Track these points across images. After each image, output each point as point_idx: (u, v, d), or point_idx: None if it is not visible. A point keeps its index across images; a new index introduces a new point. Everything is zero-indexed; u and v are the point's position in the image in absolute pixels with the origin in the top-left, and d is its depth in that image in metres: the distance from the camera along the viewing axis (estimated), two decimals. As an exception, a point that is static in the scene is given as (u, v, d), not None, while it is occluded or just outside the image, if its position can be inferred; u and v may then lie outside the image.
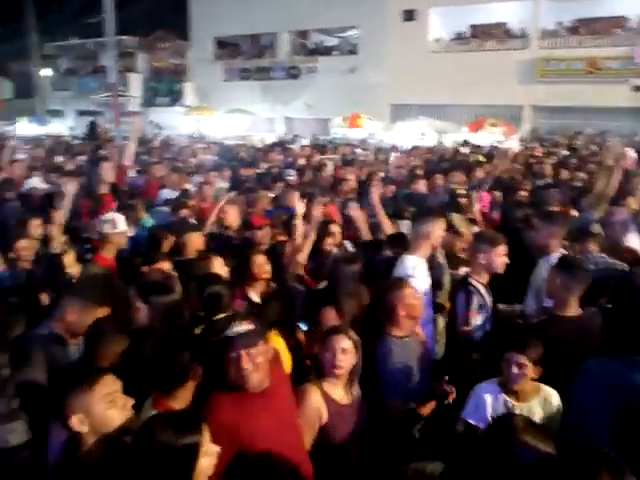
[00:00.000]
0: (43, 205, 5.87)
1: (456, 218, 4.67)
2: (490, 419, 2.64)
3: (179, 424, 1.84)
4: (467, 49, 24.35)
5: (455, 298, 3.76)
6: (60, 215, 5.18)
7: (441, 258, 4.09)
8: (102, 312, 2.87)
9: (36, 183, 7.14)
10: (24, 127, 27.69)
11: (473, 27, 25.09)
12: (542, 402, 2.73)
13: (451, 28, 25.03)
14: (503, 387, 2.77)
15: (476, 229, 4.86)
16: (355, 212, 4.84)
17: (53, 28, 34.17)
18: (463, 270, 4.04)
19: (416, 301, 3.21)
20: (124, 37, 28.56)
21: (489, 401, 2.76)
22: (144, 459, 1.79)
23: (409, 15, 24.84)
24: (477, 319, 3.62)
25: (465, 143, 16.27)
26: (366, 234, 4.77)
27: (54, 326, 2.82)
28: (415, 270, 3.58)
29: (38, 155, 11.09)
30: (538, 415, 2.67)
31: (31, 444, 1.51)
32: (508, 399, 2.74)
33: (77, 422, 1.92)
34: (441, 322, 3.84)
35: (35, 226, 4.73)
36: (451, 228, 4.32)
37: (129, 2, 20.98)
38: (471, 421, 2.76)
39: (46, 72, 34.92)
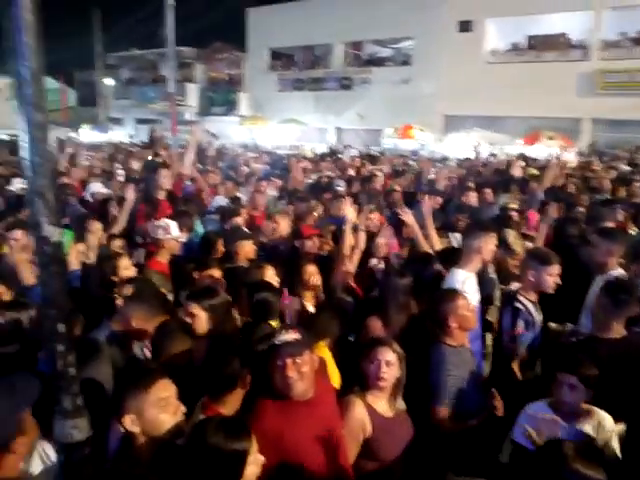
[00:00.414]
0: (104, 209, 6.13)
1: (511, 235, 4.55)
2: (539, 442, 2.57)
3: (230, 429, 1.87)
4: (524, 60, 23.84)
5: (502, 314, 3.69)
6: (119, 220, 5.40)
7: (492, 273, 4.02)
8: (162, 320, 2.98)
9: (98, 188, 7.42)
10: (87, 134, 28.92)
11: (530, 38, 24.55)
12: (595, 426, 2.64)
13: (507, 39, 24.59)
14: (554, 408, 2.70)
15: (530, 245, 4.74)
16: (408, 218, 4.68)
17: (116, 39, 35.65)
18: (514, 286, 3.96)
19: (469, 313, 3.18)
20: (183, 48, 29.48)
21: (539, 422, 2.69)
22: (194, 460, 1.82)
23: (465, 26, 24.57)
24: (524, 336, 3.53)
25: (520, 156, 15.91)
26: (421, 241, 4.64)
27: (115, 328, 2.94)
28: (465, 285, 3.53)
29: (99, 161, 11.56)
30: (590, 439, 2.58)
31: (92, 441, 1.58)
32: (559, 421, 2.66)
33: (129, 422, 1.97)
34: (489, 339, 3.77)
35: (95, 229, 4.89)
36: (504, 244, 4.23)
37: (189, 14, 21.67)
38: (520, 442, 2.69)
39: (108, 81, 36.35)
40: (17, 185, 7.17)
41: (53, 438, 1.68)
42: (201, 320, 3.00)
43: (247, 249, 4.57)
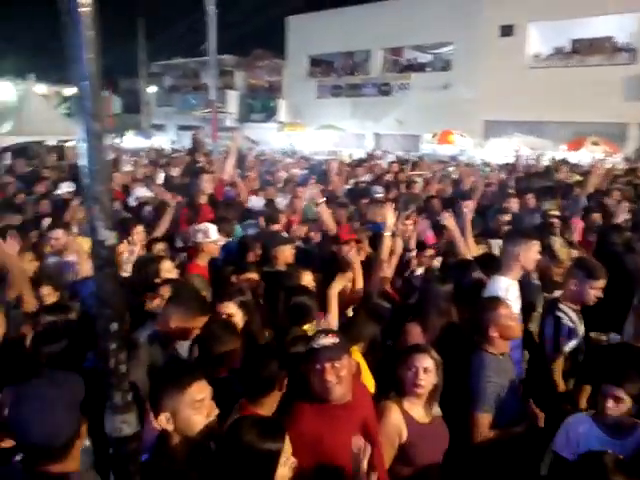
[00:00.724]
0: (139, 213, 6.31)
1: (557, 242, 4.45)
2: (581, 454, 2.51)
3: (264, 429, 1.89)
4: (568, 64, 23.35)
5: (544, 322, 3.62)
6: (161, 224, 5.54)
7: (535, 279, 3.95)
8: (202, 321, 3.04)
9: (142, 193, 7.63)
10: (130, 140, 29.71)
11: (574, 42, 24.03)
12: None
13: (550, 43, 24.11)
14: (597, 421, 2.63)
15: (575, 253, 4.62)
16: (449, 222, 4.61)
17: (160, 48, 36.57)
18: (556, 294, 3.88)
19: (512, 322, 3.14)
20: (224, 56, 30.00)
21: (581, 434, 2.63)
22: (227, 457, 1.85)
23: (507, 30, 24.21)
24: (567, 345, 3.46)
25: (563, 162, 15.55)
26: (461, 246, 4.59)
27: (158, 328, 3.03)
28: (508, 292, 3.48)
29: (142, 166, 11.85)
30: (634, 454, 2.51)
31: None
32: (602, 434, 2.59)
33: (164, 420, 2.02)
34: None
35: (138, 232, 5.02)
36: (549, 252, 4.13)
37: (229, 23, 22.03)
38: (561, 453, 2.64)
39: (152, 89, 37.28)
40: (64, 189, 7.43)
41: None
42: (237, 319, 3.08)
43: (286, 254, 4.61)
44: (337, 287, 3.62)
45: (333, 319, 3.51)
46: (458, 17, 24.35)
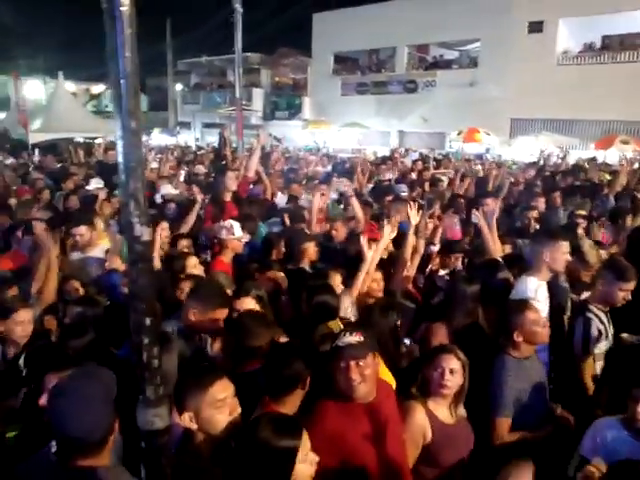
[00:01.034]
0: (162, 210, 6.39)
1: (586, 244, 4.37)
2: (610, 459, 2.47)
3: (280, 426, 1.90)
4: (598, 61, 22.88)
5: (573, 324, 3.56)
6: (186, 221, 5.61)
7: (563, 281, 3.88)
8: (221, 314, 3.08)
9: (168, 190, 7.72)
10: (156, 138, 30.06)
11: (605, 38, 23.54)
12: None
13: (580, 39, 23.66)
14: (626, 426, 2.58)
15: (605, 255, 4.53)
16: (480, 220, 4.55)
17: (186, 46, 36.94)
18: (584, 295, 3.81)
19: (539, 328, 3.07)
20: (249, 54, 30.14)
21: (610, 439, 2.58)
22: (245, 454, 1.86)
23: (535, 27, 23.80)
24: (596, 347, 3.40)
25: (592, 160, 15.27)
26: (492, 246, 4.51)
27: (181, 322, 3.08)
28: (537, 293, 3.43)
29: (167, 164, 11.99)
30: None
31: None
32: (631, 439, 2.54)
33: (188, 418, 2.05)
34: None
35: (163, 229, 5.08)
36: (578, 253, 4.06)
37: (255, 21, 22.17)
38: (588, 458, 2.59)
39: (177, 87, 37.64)
40: (94, 185, 7.55)
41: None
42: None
43: (310, 251, 4.62)
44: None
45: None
46: (486, 13, 24.02)
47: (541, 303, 3.36)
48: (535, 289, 3.45)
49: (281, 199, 7.56)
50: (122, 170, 1.15)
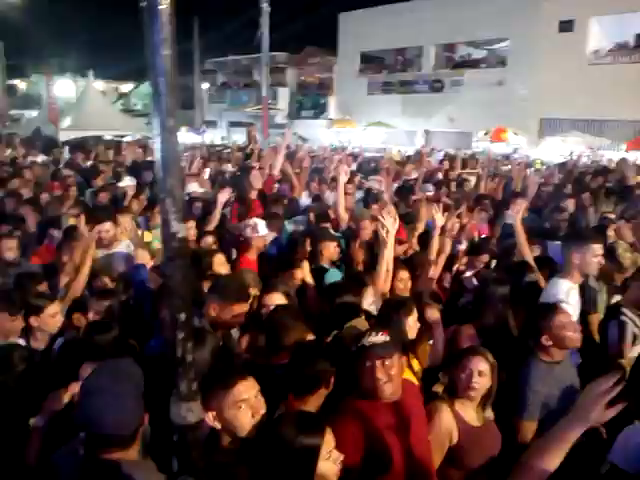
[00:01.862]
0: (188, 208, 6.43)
1: (621, 247, 4.27)
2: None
3: (302, 424, 1.89)
4: (631, 60, 22.36)
5: (606, 327, 3.49)
6: (212, 218, 5.64)
7: (593, 282, 3.80)
8: (240, 308, 3.10)
9: (194, 188, 7.78)
10: (183, 136, 30.32)
11: (638, 36, 22.98)
12: None
13: (612, 38, 23.14)
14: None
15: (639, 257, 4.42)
16: (515, 221, 4.40)
17: (213, 45, 37.22)
18: (617, 298, 3.74)
19: (569, 333, 2.99)
20: (276, 53, 30.22)
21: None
22: (268, 452, 1.86)
23: (566, 26, 23.36)
24: (632, 351, 3.32)
25: (623, 161, 14.91)
26: (524, 247, 4.37)
27: (204, 318, 3.11)
28: (568, 296, 3.37)
29: (193, 162, 12.07)
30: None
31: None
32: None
33: (211, 418, 2.03)
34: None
35: (189, 227, 5.11)
36: (612, 256, 3.97)
37: (282, 20, 22.21)
38: (618, 465, 2.54)
39: (204, 86, 37.93)
40: (127, 182, 7.63)
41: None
42: None
43: (331, 250, 4.61)
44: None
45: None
46: (514, 12, 23.69)
47: (572, 306, 3.30)
48: (566, 292, 3.39)
49: (305, 197, 7.56)
50: (159, 167, 1.16)
